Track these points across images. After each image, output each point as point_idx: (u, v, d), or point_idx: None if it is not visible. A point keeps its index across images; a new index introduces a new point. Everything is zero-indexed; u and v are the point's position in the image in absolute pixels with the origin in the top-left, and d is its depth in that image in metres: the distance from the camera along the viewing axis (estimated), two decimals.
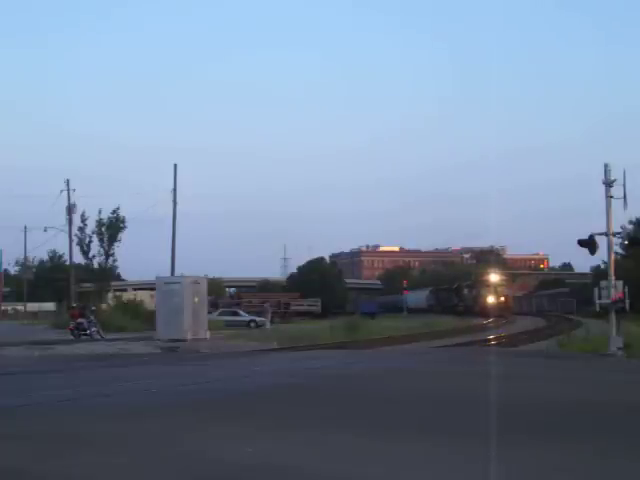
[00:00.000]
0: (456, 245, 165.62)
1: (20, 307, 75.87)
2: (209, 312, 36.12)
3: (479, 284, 74.90)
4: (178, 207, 46.47)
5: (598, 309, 21.37)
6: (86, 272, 54.57)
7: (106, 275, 53.81)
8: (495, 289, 70.75)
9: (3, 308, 74.11)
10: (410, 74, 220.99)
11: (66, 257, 63.59)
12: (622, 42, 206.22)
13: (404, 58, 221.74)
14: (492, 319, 58.86)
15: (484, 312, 64.25)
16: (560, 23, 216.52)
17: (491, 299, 69.07)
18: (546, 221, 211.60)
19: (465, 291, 78.80)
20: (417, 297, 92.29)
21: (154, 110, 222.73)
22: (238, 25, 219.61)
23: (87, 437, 7.72)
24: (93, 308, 37.15)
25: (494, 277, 74.32)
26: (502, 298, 69.95)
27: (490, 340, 34.71)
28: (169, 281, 30.76)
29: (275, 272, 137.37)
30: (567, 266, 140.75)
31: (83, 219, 51.96)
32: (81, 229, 51.97)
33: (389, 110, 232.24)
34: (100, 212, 51.72)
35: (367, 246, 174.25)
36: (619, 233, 21.71)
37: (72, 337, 32.11)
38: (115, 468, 6.35)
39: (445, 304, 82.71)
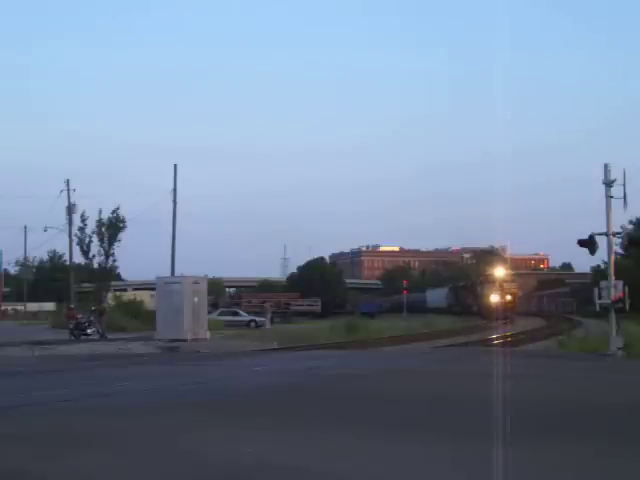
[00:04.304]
0: (456, 245, 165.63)
1: (20, 307, 75.81)
2: (209, 312, 36.11)
3: (490, 281, 71.93)
4: (178, 207, 46.44)
5: (598, 309, 21.35)
6: (86, 272, 54.55)
7: (106, 275, 53.78)
8: (505, 287, 68.16)
9: (3, 308, 74.10)
10: (410, 73, 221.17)
11: (66, 257, 63.61)
12: (623, 43, 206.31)
13: (404, 57, 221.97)
14: (495, 319, 57.02)
15: (496, 311, 60.78)
16: (561, 23, 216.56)
17: (506, 297, 66.08)
18: (546, 221, 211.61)
19: (478, 289, 73.12)
20: (437, 296, 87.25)
21: (154, 110, 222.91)
22: (238, 27, 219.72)
23: (87, 437, 7.72)
24: (93, 308, 37.20)
25: (505, 275, 71.99)
26: (510, 297, 67.64)
27: (490, 340, 34.70)
28: (169, 281, 30.74)
29: (275, 272, 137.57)
30: (567, 266, 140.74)
31: (83, 219, 51.95)
32: (81, 229, 51.97)
33: (389, 110, 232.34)
34: (100, 212, 51.74)
35: (367, 246, 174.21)
36: (619, 233, 21.69)
37: (72, 337, 32.15)
38: (115, 468, 6.35)
39: (464, 303, 77.03)
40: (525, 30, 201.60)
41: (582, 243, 20.77)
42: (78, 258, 53.25)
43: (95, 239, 51.61)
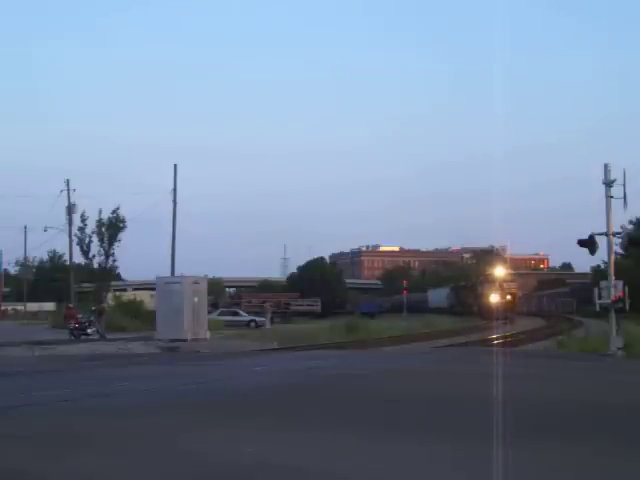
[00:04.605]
0: (456, 245, 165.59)
1: (20, 307, 75.78)
2: (209, 312, 36.10)
3: (490, 281, 71.32)
4: (178, 207, 46.40)
5: (598, 309, 21.35)
6: (86, 272, 54.54)
7: (106, 275, 53.77)
8: (505, 286, 67.43)
9: (3, 308, 74.07)
10: (410, 73, 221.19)
11: (66, 257, 63.60)
12: (623, 42, 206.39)
13: (404, 57, 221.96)
14: (496, 319, 56.15)
15: (496, 311, 59.52)
16: (561, 23, 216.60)
17: (506, 297, 65.31)
18: (546, 221, 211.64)
19: (479, 289, 72.14)
20: (439, 296, 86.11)
21: (154, 110, 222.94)
22: (238, 27, 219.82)
23: (87, 437, 7.72)
24: (93, 308, 37.20)
25: (505, 275, 71.39)
26: (510, 297, 67.00)
27: (490, 340, 34.69)
28: (169, 281, 30.73)
29: (275, 272, 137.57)
30: (567, 266, 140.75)
31: (83, 219, 51.92)
32: (81, 229, 51.94)
33: (389, 110, 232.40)
34: (100, 212, 51.73)
35: (367, 246, 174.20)
36: (619, 233, 21.69)
37: (72, 337, 32.16)
38: (115, 468, 6.35)
39: (466, 303, 75.71)
40: (525, 30, 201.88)
41: (582, 243, 20.76)
42: (78, 258, 53.31)
43: (95, 239, 51.63)
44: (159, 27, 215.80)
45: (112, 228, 51.60)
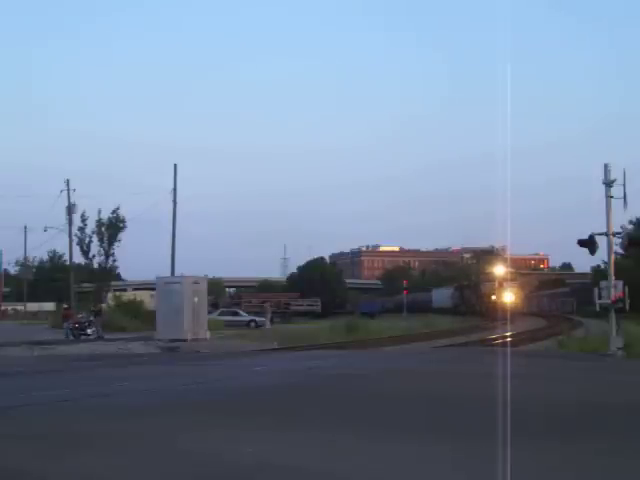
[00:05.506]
0: (456, 245, 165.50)
1: (20, 307, 75.79)
2: (209, 312, 36.11)
3: (492, 281, 69.36)
4: (178, 207, 46.37)
5: (598, 309, 21.34)
6: (86, 272, 54.56)
7: (106, 275, 53.78)
8: (506, 286, 66.91)
9: (3, 308, 74.08)
10: (411, 73, 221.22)
11: (66, 257, 63.57)
12: (623, 42, 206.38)
13: (404, 57, 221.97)
14: (497, 319, 55.62)
15: (498, 311, 56.41)
16: (562, 23, 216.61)
17: (508, 297, 64.88)
18: (546, 221, 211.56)
19: (481, 288, 71.82)
20: (442, 296, 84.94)
21: (154, 110, 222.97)
22: (238, 27, 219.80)
23: (87, 437, 7.71)
24: (92, 309, 37.22)
25: (506, 274, 71.01)
26: (512, 296, 66.66)
27: (490, 340, 34.69)
28: (169, 281, 30.74)
29: (275, 272, 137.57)
30: (567, 266, 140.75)
31: (83, 219, 52.03)
32: (81, 229, 52.04)
33: (389, 110, 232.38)
34: (100, 212, 51.79)
35: (367, 246, 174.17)
36: (619, 233, 21.68)
37: (72, 337, 32.18)
38: (115, 468, 6.35)
39: (469, 303, 74.78)
40: (525, 30, 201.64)
41: (582, 243, 20.75)
42: (78, 258, 53.36)
43: (95, 239, 51.75)
44: (159, 27, 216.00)
45: (112, 228, 51.70)
